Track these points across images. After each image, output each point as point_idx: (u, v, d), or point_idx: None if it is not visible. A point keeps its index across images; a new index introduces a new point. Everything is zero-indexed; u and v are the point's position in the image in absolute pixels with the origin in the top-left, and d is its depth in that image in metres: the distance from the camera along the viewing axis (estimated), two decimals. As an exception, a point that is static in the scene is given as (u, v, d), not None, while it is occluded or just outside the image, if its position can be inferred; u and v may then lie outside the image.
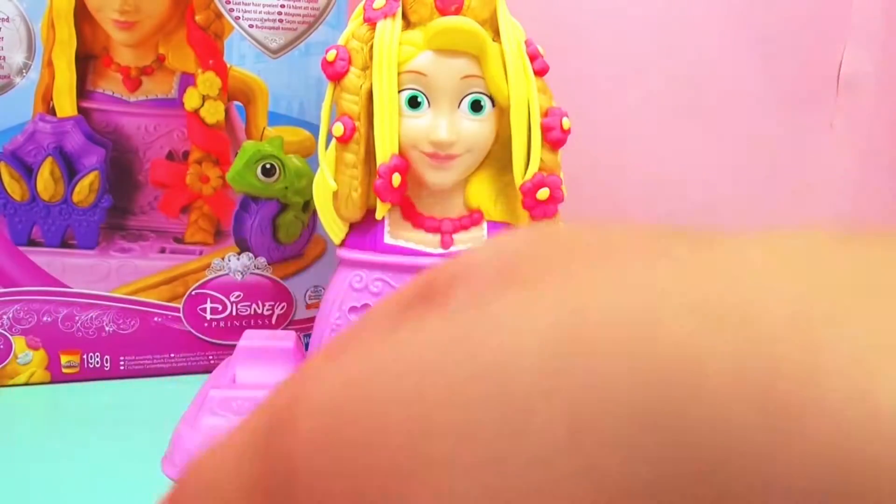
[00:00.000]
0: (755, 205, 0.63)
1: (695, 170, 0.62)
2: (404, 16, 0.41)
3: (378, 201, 0.42)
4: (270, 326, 0.51)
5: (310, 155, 0.48)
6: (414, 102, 0.41)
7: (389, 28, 0.40)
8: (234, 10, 0.46)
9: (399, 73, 0.40)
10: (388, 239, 0.43)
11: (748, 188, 0.63)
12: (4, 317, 0.46)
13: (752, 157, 0.62)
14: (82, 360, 0.48)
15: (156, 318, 0.49)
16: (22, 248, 0.46)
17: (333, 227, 0.43)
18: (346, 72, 0.41)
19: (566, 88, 0.44)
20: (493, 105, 0.42)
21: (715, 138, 0.61)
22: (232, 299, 0.50)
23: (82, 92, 0.47)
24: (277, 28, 0.47)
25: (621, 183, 0.61)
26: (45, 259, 0.47)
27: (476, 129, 0.41)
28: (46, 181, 0.46)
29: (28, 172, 0.46)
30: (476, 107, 0.41)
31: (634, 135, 0.60)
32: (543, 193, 0.42)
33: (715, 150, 0.62)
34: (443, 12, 0.40)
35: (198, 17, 0.46)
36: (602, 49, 0.59)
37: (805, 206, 0.64)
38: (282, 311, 0.51)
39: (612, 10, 0.58)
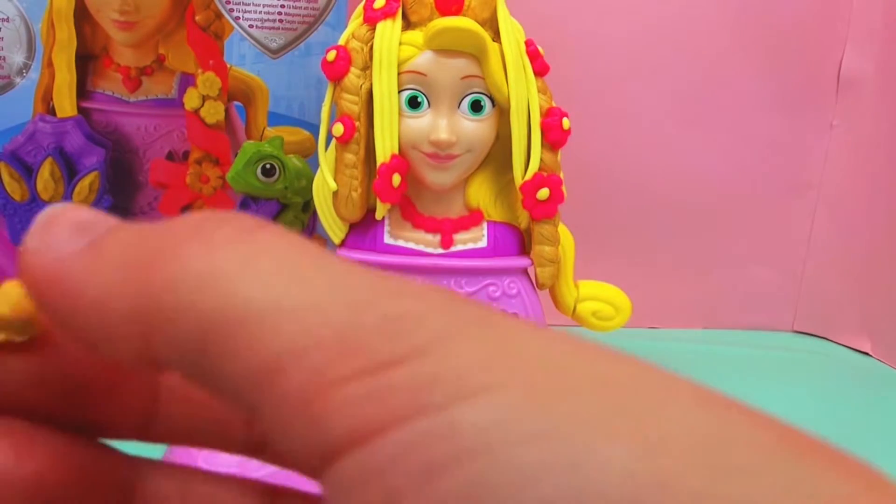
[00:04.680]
0: (755, 205, 0.63)
1: (694, 169, 0.62)
2: (404, 16, 0.41)
3: (378, 201, 0.42)
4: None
5: (310, 155, 0.48)
6: (414, 102, 0.41)
7: (389, 28, 0.40)
8: (234, 10, 0.46)
9: (399, 73, 0.40)
10: (388, 239, 0.43)
11: (748, 188, 0.63)
12: (4, 317, 0.46)
13: (752, 157, 0.62)
14: (82, 360, 0.48)
15: (156, 319, 0.49)
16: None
17: (333, 227, 0.43)
18: (346, 72, 0.41)
19: (566, 88, 0.44)
20: (493, 105, 0.42)
21: (715, 138, 0.61)
22: (232, 299, 0.50)
23: (82, 92, 0.47)
24: (277, 28, 0.47)
25: (621, 183, 0.61)
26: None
27: (476, 129, 0.41)
28: (46, 181, 0.46)
29: (28, 172, 0.46)
30: (476, 107, 0.41)
31: (634, 135, 0.60)
32: (543, 193, 0.42)
33: (715, 150, 0.62)
34: (443, 12, 0.41)
35: (198, 17, 0.46)
36: (602, 49, 0.59)
37: (805, 206, 0.64)
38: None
39: (613, 10, 0.58)
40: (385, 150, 0.40)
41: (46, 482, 0.11)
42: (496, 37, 0.41)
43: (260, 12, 0.47)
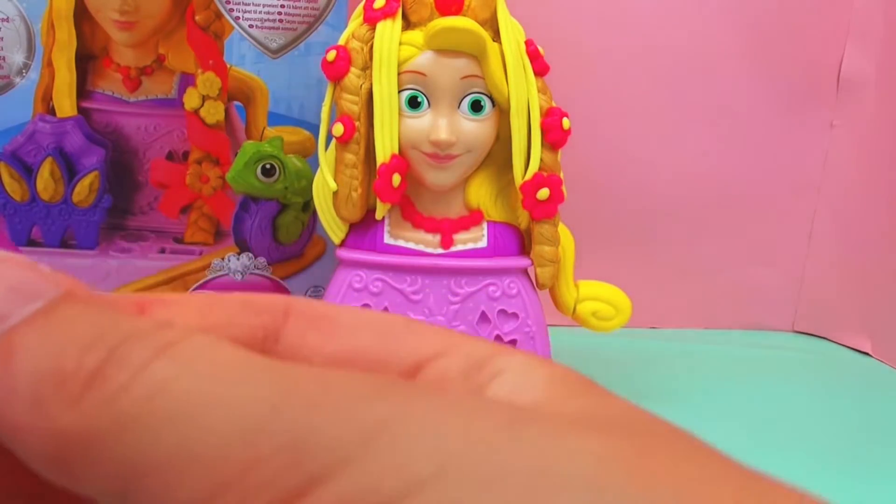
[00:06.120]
0: (755, 205, 0.63)
1: (694, 169, 0.62)
2: (404, 16, 0.41)
3: (378, 201, 0.42)
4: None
5: (310, 155, 0.48)
6: (414, 102, 0.41)
7: (389, 28, 0.40)
8: (234, 10, 0.46)
9: (399, 73, 0.40)
10: (387, 239, 0.43)
11: (748, 188, 0.63)
12: (4, 317, 0.46)
13: (752, 157, 0.62)
14: (82, 360, 0.48)
15: (156, 319, 0.49)
16: (22, 249, 0.46)
17: (333, 227, 0.43)
18: (346, 72, 0.41)
19: (566, 88, 0.44)
20: (493, 105, 0.42)
21: (715, 138, 0.61)
22: (232, 299, 0.50)
23: (82, 92, 0.47)
24: (277, 28, 0.47)
25: (621, 183, 0.61)
26: (45, 259, 0.47)
27: (476, 129, 0.41)
28: (46, 181, 0.46)
29: (28, 172, 0.46)
30: (476, 107, 0.41)
31: (634, 135, 0.60)
32: (543, 193, 0.42)
33: (715, 150, 0.62)
34: (443, 12, 0.41)
35: (198, 17, 0.46)
36: (602, 49, 0.59)
37: (805, 206, 0.64)
38: (282, 312, 0.51)
39: (612, 10, 0.58)
40: (385, 150, 0.40)
41: None
42: (496, 37, 0.41)
43: (260, 12, 0.47)
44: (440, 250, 0.43)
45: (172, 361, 0.10)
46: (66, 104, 0.46)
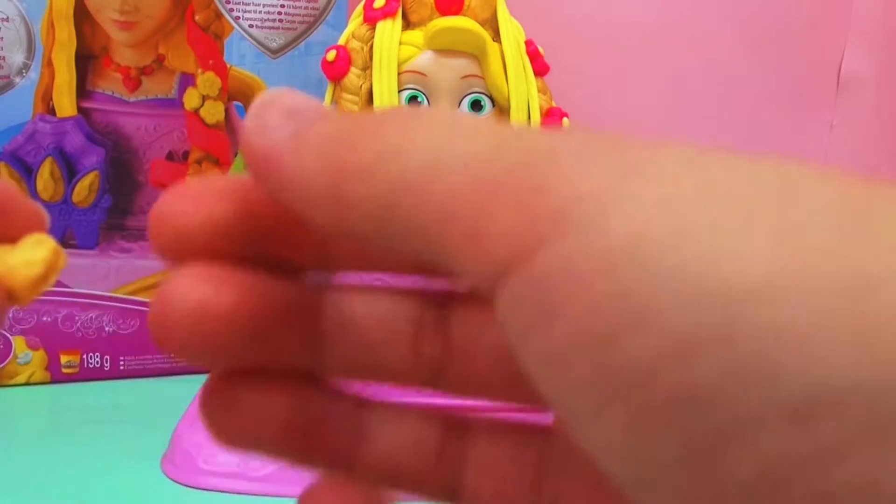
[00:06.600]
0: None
1: (695, 170, 0.62)
2: (404, 16, 0.41)
3: (378, 201, 0.42)
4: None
5: (310, 155, 0.48)
6: (414, 102, 0.41)
7: (389, 28, 0.40)
8: (234, 10, 0.46)
9: (399, 73, 0.40)
10: (388, 239, 0.43)
11: (748, 188, 0.63)
12: (4, 317, 0.46)
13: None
14: (82, 360, 0.48)
15: (156, 319, 0.49)
16: (22, 249, 0.47)
17: (333, 227, 0.43)
18: (346, 72, 0.41)
19: (566, 88, 0.44)
20: (493, 105, 0.42)
21: (715, 138, 0.61)
22: (232, 299, 0.50)
23: (82, 92, 0.47)
24: (277, 28, 0.47)
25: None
26: (45, 259, 0.47)
27: (476, 129, 0.41)
28: (46, 181, 0.46)
29: (28, 172, 0.46)
30: (476, 107, 0.41)
31: (634, 135, 0.60)
32: (543, 193, 0.42)
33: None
34: (443, 12, 0.41)
35: (198, 17, 0.46)
36: (602, 49, 0.59)
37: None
38: (282, 312, 0.51)
39: (613, 10, 0.58)
40: (385, 150, 0.40)
41: (241, 310, 0.13)
42: (496, 37, 0.41)
43: (260, 12, 0.47)
44: (440, 250, 0.43)
45: (434, 122, 0.12)
46: (66, 104, 0.46)
